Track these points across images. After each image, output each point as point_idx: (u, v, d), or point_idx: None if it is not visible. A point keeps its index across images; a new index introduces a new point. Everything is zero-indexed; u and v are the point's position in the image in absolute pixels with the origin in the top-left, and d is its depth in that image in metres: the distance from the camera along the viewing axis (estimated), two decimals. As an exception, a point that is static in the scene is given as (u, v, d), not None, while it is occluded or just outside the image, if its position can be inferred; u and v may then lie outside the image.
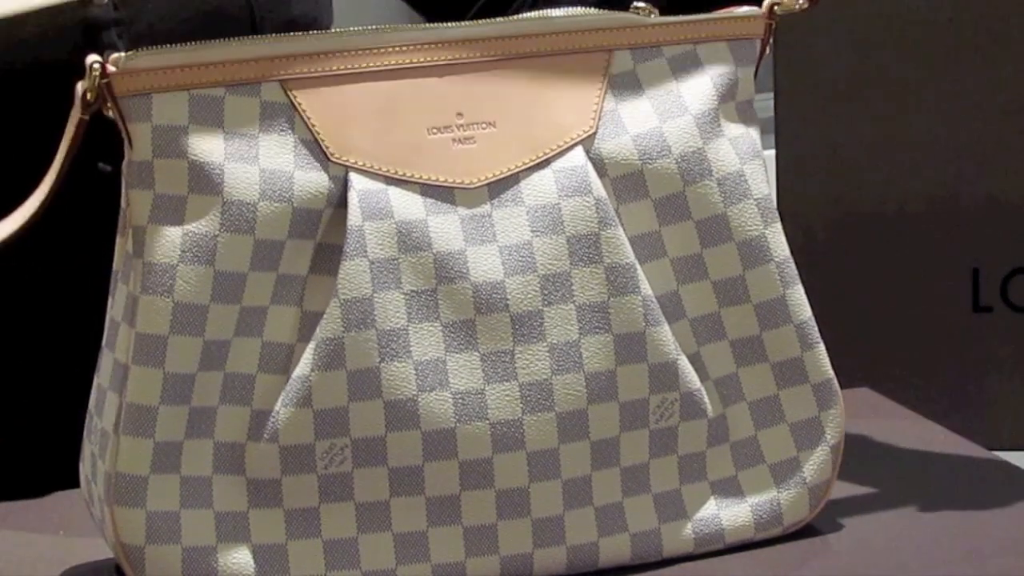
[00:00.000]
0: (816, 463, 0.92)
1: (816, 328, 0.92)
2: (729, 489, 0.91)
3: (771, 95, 1.41)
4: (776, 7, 0.92)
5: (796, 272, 0.91)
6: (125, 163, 0.84)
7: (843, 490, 0.95)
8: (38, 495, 1.03)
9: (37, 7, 1.06)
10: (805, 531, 0.92)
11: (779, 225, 0.91)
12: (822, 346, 0.92)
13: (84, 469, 0.88)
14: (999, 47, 2.17)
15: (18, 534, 0.97)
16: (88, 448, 0.87)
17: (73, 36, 1.06)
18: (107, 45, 1.08)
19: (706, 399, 0.89)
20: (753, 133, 0.92)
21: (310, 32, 0.87)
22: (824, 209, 1.41)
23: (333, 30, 0.88)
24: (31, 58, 1.08)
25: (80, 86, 0.83)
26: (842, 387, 0.93)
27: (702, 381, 0.89)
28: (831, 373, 0.92)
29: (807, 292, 0.92)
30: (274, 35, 0.86)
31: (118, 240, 0.86)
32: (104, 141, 0.86)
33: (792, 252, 0.92)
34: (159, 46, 0.84)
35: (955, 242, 1.40)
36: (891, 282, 1.41)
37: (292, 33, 0.86)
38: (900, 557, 0.90)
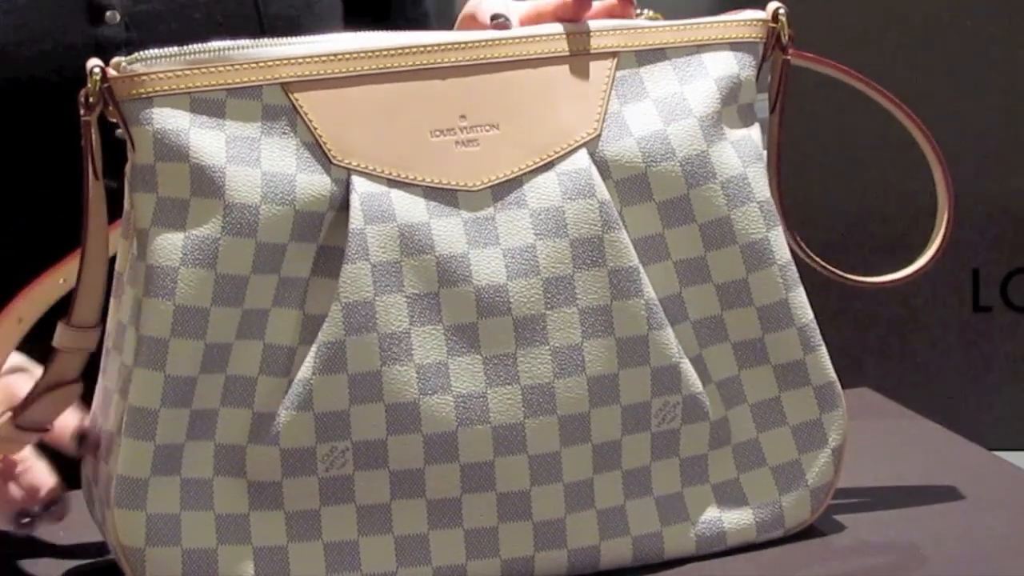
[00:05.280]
0: (818, 465, 0.92)
1: (818, 331, 0.91)
2: (731, 492, 0.91)
3: (771, 95, 1.41)
4: (780, 12, 0.92)
5: (797, 275, 0.91)
6: (128, 166, 0.84)
7: (843, 490, 0.95)
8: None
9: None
10: (806, 531, 0.92)
11: (780, 229, 0.91)
12: (824, 349, 0.92)
13: (85, 470, 0.88)
14: (1000, 48, 2.18)
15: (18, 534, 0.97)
16: (90, 449, 0.87)
17: (83, 56, 1.05)
18: None
19: (708, 402, 0.89)
20: (754, 136, 0.92)
21: (311, 36, 0.86)
22: (824, 209, 1.41)
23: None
24: (42, 76, 1.07)
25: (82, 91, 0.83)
26: (842, 387, 0.93)
27: (704, 383, 0.89)
28: (833, 376, 0.92)
29: (807, 292, 0.92)
30: (275, 38, 0.86)
31: (121, 242, 0.86)
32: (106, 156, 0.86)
33: (792, 252, 0.92)
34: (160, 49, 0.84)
35: (955, 242, 1.40)
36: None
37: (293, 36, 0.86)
38: (900, 557, 0.90)
